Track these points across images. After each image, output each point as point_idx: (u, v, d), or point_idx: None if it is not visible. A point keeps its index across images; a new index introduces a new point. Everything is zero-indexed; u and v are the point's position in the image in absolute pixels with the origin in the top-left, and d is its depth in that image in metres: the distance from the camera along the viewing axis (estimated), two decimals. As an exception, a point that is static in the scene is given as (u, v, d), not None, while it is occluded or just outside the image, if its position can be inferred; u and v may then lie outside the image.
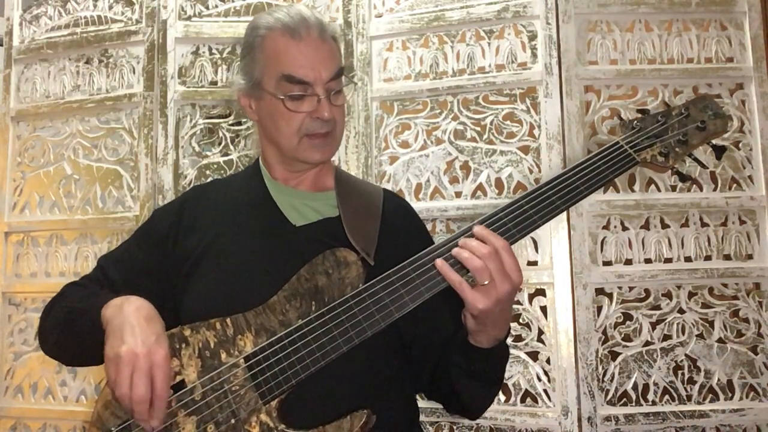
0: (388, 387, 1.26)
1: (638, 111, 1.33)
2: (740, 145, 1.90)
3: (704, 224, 1.89)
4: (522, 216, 1.18)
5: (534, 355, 1.87)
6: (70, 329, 1.25)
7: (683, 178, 1.30)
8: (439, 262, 1.13)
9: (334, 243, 1.23)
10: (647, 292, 1.87)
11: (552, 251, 1.87)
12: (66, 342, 1.28)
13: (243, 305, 1.18)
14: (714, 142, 1.32)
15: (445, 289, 1.13)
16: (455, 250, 1.13)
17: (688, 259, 1.88)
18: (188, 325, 1.18)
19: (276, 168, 1.39)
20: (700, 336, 1.84)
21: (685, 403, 1.81)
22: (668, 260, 1.88)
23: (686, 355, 1.84)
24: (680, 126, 1.29)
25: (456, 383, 1.28)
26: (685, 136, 1.28)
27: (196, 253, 1.30)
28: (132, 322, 1.10)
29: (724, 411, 1.78)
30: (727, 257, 1.87)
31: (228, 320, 1.17)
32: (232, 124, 2.14)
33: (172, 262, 1.32)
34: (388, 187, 1.98)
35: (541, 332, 1.87)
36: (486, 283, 1.09)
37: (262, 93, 1.31)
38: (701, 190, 1.88)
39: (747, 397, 1.81)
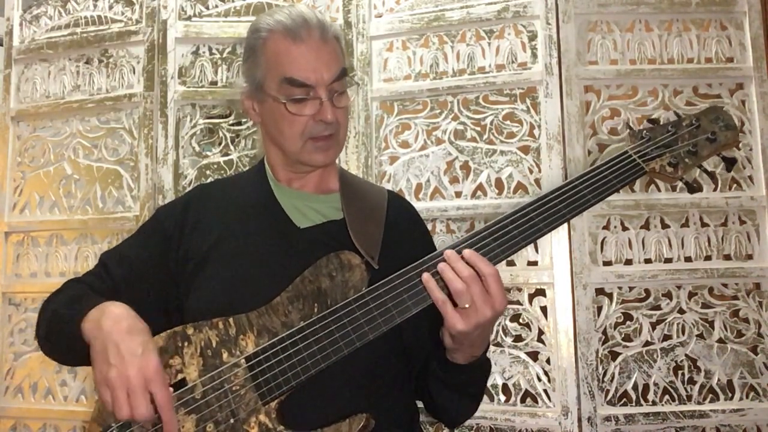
0: (388, 389, 1.26)
1: (648, 120, 1.32)
2: (740, 145, 1.90)
3: (704, 224, 1.89)
4: (528, 224, 1.18)
5: (534, 355, 1.87)
6: (54, 332, 1.25)
7: (692, 188, 1.30)
8: (426, 277, 1.12)
9: (338, 246, 1.22)
10: (647, 292, 1.87)
11: (552, 251, 1.87)
12: (53, 343, 1.28)
13: (246, 306, 1.18)
14: (724, 153, 1.31)
15: None
16: (441, 266, 1.12)
17: (688, 259, 1.88)
18: (191, 324, 1.18)
19: (279, 170, 1.39)
20: (700, 336, 1.84)
21: (685, 403, 1.81)
22: (668, 260, 1.88)
23: (686, 355, 1.84)
24: (690, 137, 1.28)
25: (434, 391, 1.29)
26: (695, 147, 1.27)
27: (200, 254, 1.30)
28: (114, 339, 1.07)
29: (724, 411, 1.78)
30: (727, 257, 1.87)
31: (231, 320, 1.17)
32: (232, 124, 2.14)
33: (176, 261, 1.32)
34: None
35: (541, 332, 1.87)
36: (467, 306, 1.08)
37: (264, 96, 1.30)
38: (701, 190, 1.88)
39: (747, 397, 1.81)
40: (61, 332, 1.21)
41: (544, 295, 1.88)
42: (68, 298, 1.26)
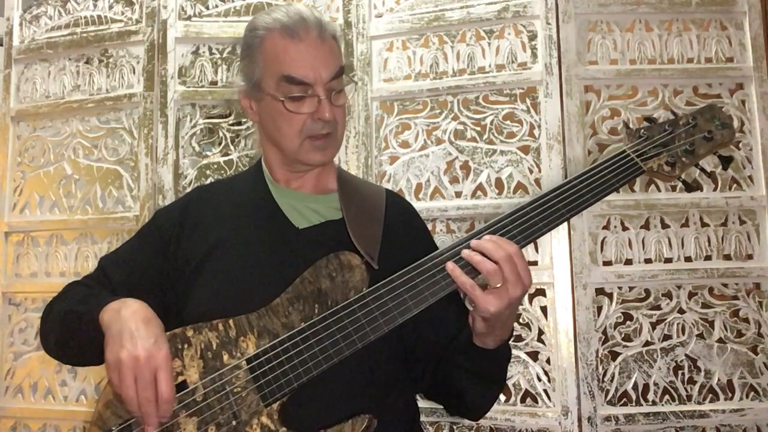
0: (389, 389, 1.26)
1: (645, 119, 1.33)
2: (740, 145, 1.90)
3: (704, 224, 1.89)
4: (527, 224, 1.18)
5: (534, 355, 1.87)
6: (69, 331, 1.25)
7: (689, 187, 1.30)
8: (450, 265, 1.13)
9: (338, 246, 1.23)
10: (647, 292, 1.87)
11: (552, 251, 1.87)
12: (66, 343, 1.28)
13: (246, 307, 1.18)
14: (721, 152, 1.32)
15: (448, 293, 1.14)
16: (466, 253, 1.13)
17: (688, 259, 1.88)
18: (191, 326, 1.18)
19: (277, 170, 1.39)
20: (700, 336, 1.84)
21: (685, 403, 1.81)
22: (668, 260, 1.88)
23: (686, 355, 1.84)
24: (687, 136, 1.29)
25: (460, 384, 1.28)
26: (692, 145, 1.28)
27: (199, 256, 1.30)
28: (130, 326, 1.10)
29: (724, 411, 1.78)
30: (727, 257, 1.87)
31: (231, 322, 1.17)
32: (232, 124, 2.14)
33: (175, 264, 1.32)
34: (388, 187, 1.97)
35: (541, 332, 1.87)
36: (498, 286, 1.09)
37: (262, 94, 1.30)
38: (701, 190, 1.88)
39: (747, 397, 1.82)
40: (77, 329, 1.21)
41: (544, 295, 1.88)
42: (82, 296, 1.27)
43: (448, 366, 1.28)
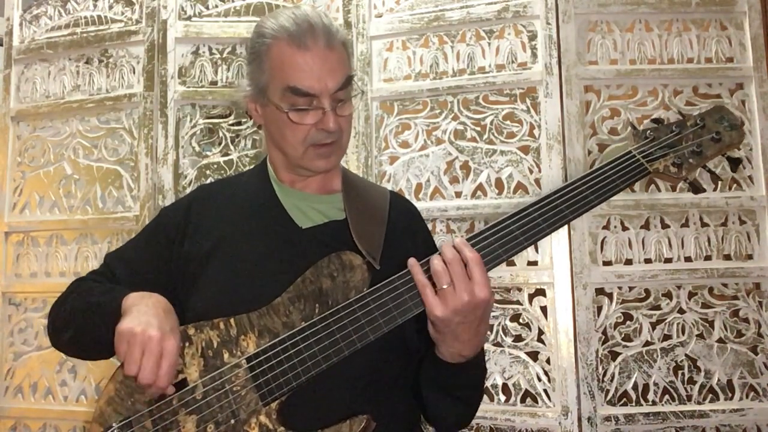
0: (389, 390, 1.26)
1: (652, 120, 1.32)
2: (740, 145, 1.89)
3: (704, 224, 1.89)
4: (530, 224, 1.17)
5: (534, 355, 1.87)
6: (89, 323, 1.24)
7: (696, 189, 1.29)
8: (412, 261, 1.13)
9: (340, 246, 1.22)
10: (647, 292, 1.87)
11: (552, 251, 1.87)
12: (83, 336, 1.27)
13: (247, 306, 1.18)
14: (729, 153, 1.31)
15: None
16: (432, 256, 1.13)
17: (688, 259, 1.88)
18: (192, 324, 1.18)
19: (282, 171, 1.38)
20: (700, 336, 1.85)
21: (685, 403, 1.82)
22: (668, 260, 1.88)
23: (686, 355, 1.84)
24: (695, 137, 1.27)
25: (424, 392, 1.28)
26: (699, 147, 1.26)
27: (202, 254, 1.30)
28: (151, 310, 1.13)
29: (724, 411, 1.78)
30: (727, 257, 1.88)
31: (232, 320, 1.17)
32: (232, 124, 2.14)
33: (178, 262, 1.32)
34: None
35: (541, 332, 1.87)
36: (444, 287, 1.08)
37: (267, 101, 1.29)
38: (705, 191, 1.87)
39: (747, 397, 1.82)
40: (98, 320, 1.21)
41: (544, 295, 1.88)
42: (101, 290, 1.28)
43: (418, 371, 1.28)
